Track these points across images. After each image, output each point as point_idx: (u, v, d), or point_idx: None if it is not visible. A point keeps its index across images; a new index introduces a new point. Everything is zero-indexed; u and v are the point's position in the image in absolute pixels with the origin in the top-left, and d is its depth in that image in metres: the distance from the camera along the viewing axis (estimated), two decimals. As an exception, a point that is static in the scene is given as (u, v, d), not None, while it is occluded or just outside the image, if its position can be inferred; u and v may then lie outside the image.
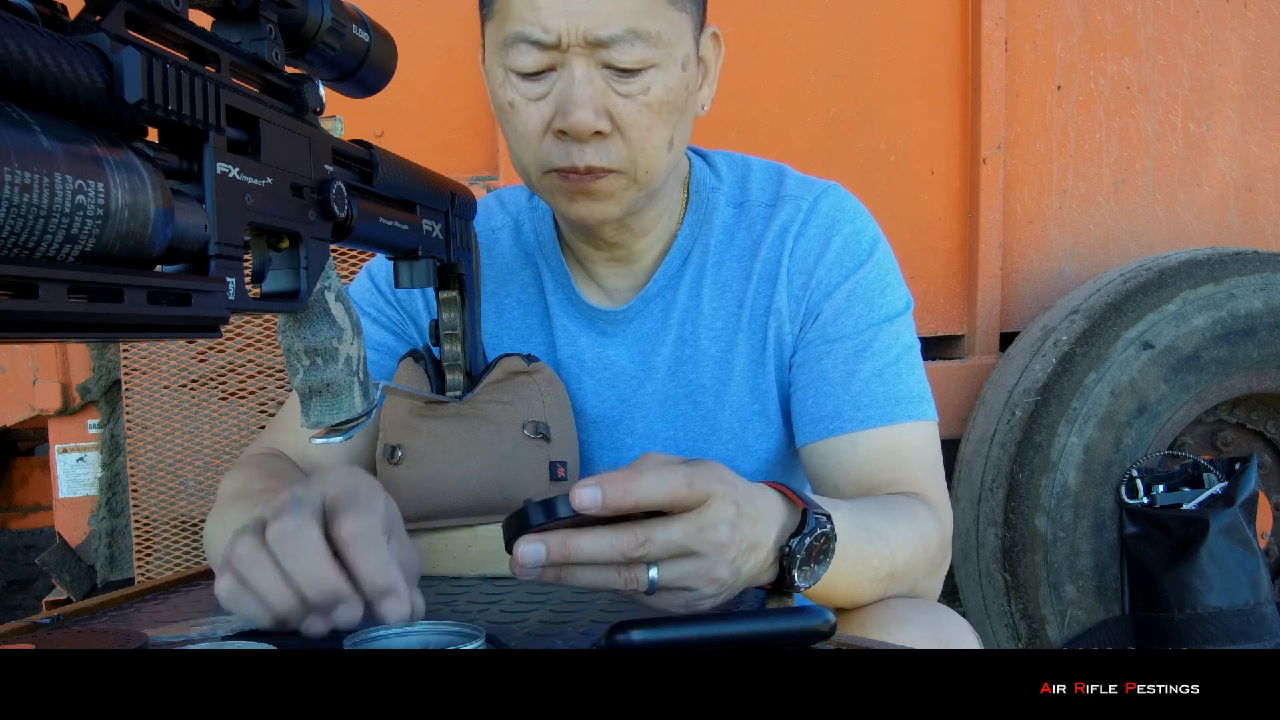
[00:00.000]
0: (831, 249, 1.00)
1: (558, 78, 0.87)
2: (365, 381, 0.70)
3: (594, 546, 0.64)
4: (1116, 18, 2.19)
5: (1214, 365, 1.95)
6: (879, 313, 0.99)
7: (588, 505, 0.62)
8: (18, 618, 0.81)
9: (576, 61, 0.86)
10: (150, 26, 0.47)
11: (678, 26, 0.89)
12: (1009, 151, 2.16)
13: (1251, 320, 1.95)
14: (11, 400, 1.93)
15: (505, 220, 1.10)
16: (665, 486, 0.64)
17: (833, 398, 0.97)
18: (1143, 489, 1.91)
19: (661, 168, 0.93)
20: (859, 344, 0.98)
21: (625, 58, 0.86)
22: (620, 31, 0.85)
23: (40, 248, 0.38)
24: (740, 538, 0.68)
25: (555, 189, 0.92)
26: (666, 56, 0.88)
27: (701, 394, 1.03)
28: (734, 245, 1.04)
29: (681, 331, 1.03)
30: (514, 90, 0.89)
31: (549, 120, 0.88)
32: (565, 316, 1.05)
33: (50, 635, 0.75)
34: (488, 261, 1.08)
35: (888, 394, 0.96)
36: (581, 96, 0.86)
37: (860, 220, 1.02)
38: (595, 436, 1.05)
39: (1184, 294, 1.94)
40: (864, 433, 0.96)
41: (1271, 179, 2.32)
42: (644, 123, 0.89)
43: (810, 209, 1.01)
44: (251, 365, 1.90)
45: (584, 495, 0.62)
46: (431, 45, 1.97)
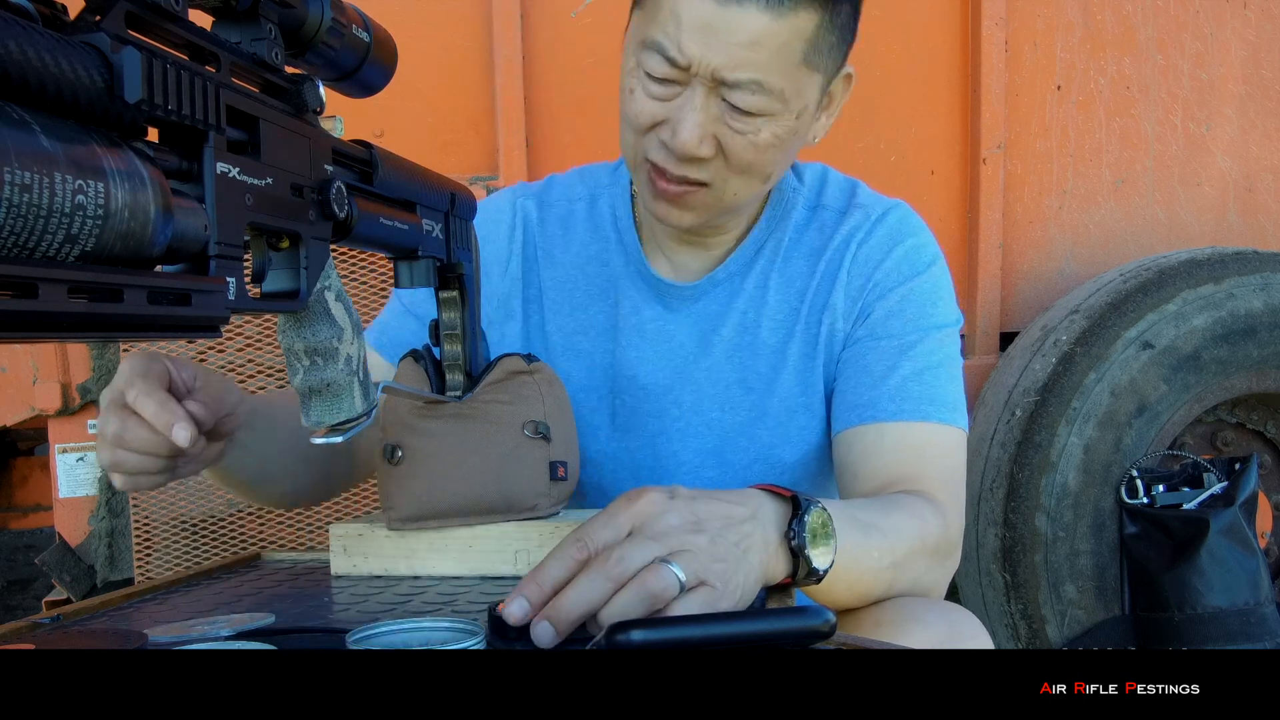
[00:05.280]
0: (892, 256, 1.04)
1: (679, 93, 0.91)
2: (365, 381, 0.70)
3: (578, 591, 0.65)
4: (1116, 18, 2.19)
5: (1214, 365, 1.95)
6: (928, 320, 1.03)
7: (520, 618, 0.65)
8: (18, 618, 0.81)
9: (699, 88, 0.90)
10: (150, 26, 0.47)
11: (805, 84, 0.92)
12: (1009, 151, 2.16)
13: (1251, 320, 1.95)
14: (11, 400, 1.93)
15: (582, 193, 1.15)
16: (563, 552, 0.67)
17: (871, 388, 1.01)
18: (1143, 489, 1.91)
19: (752, 195, 0.99)
20: (904, 344, 1.02)
21: (744, 102, 0.90)
22: (745, 79, 0.89)
23: (40, 248, 0.38)
24: (693, 511, 0.69)
25: (646, 180, 0.98)
26: (784, 109, 0.92)
27: (755, 380, 1.07)
28: (803, 243, 1.08)
29: (744, 319, 1.08)
30: (638, 82, 0.93)
31: (659, 121, 0.93)
32: (632, 287, 1.10)
33: (50, 635, 0.74)
34: (561, 231, 1.14)
35: (924, 393, 0.99)
36: (693, 122, 0.90)
37: (923, 235, 1.07)
38: (645, 403, 1.09)
39: (1184, 294, 1.94)
40: (894, 424, 0.98)
41: (1271, 179, 2.31)
42: (747, 158, 0.93)
43: (878, 219, 1.06)
44: (251, 365, 1.90)
45: (514, 610, 0.65)
46: (431, 45, 1.97)
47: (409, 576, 0.91)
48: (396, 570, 0.92)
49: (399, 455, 0.90)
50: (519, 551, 0.90)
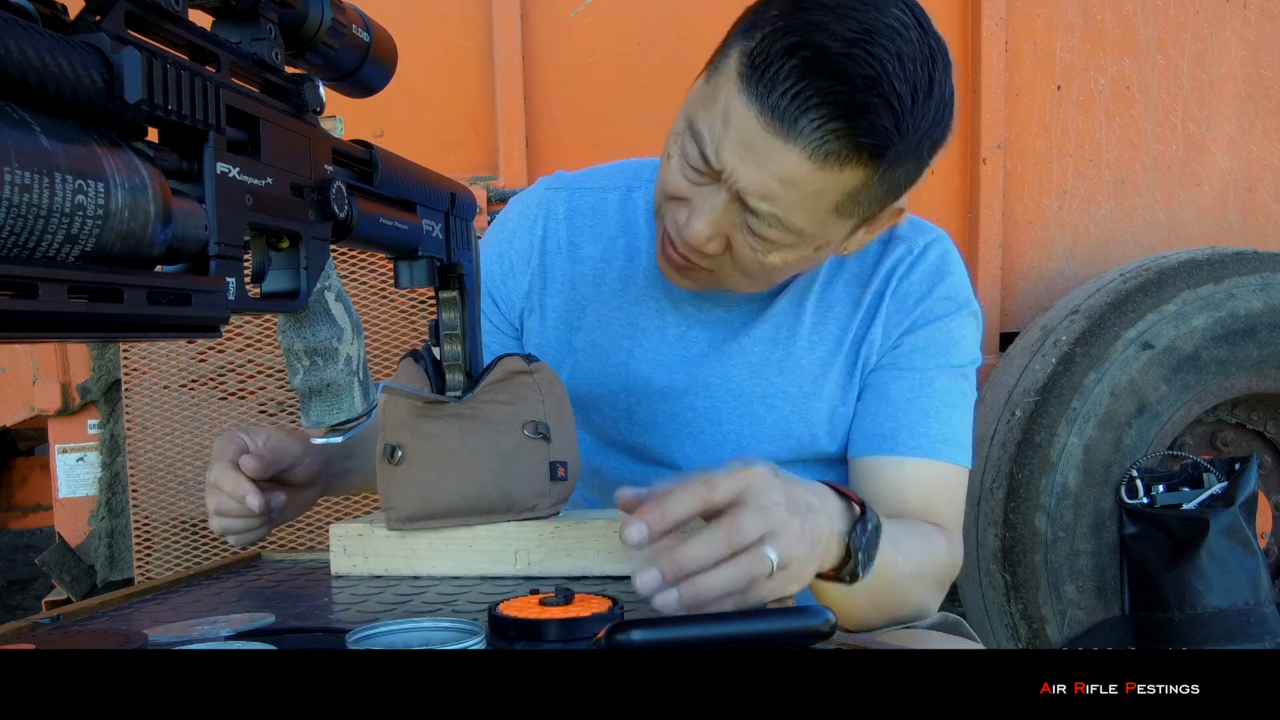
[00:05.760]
0: (932, 296, 1.05)
1: (706, 185, 0.90)
2: (365, 381, 0.70)
3: (701, 548, 0.69)
4: (1116, 18, 2.19)
5: (1214, 365, 1.95)
6: (950, 358, 1.05)
7: (639, 541, 0.70)
8: (18, 618, 0.81)
9: (724, 192, 0.89)
10: (150, 26, 0.47)
11: (831, 227, 0.91)
12: (1009, 151, 2.16)
13: (1251, 320, 1.95)
14: (11, 400, 1.93)
15: (619, 184, 1.15)
16: (690, 493, 0.72)
17: (891, 419, 1.03)
18: (1143, 489, 1.91)
19: (757, 285, 0.99)
20: (926, 379, 1.03)
21: (760, 228, 0.89)
22: (764, 210, 0.87)
23: (40, 248, 0.38)
24: (794, 496, 0.75)
25: (660, 236, 0.98)
26: (800, 242, 0.91)
27: (782, 400, 1.06)
28: (844, 270, 1.08)
29: (776, 335, 1.07)
30: (677, 151, 0.92)
31: (681, 197, 0.92)
32: (657, 286, 1.09)
33: (50, 635, 0.74)
34: (590, 222, 1.13)
35: (941, 432, 1.02)
36: (705, 221, 0.90)
37: (961, 275, 1.08)
38: (660, 405, 1.09)
39: (1184, 294, 1.94)
40: (912, 460, 1.02)
41: (1271, 179, 2.31)
42: (752, 268, 0.93)
43: (920, 254, 1.06)
44: (251, 365, 1.90)
45: (633, 534, 0.70)
46: (431, 45, 1.97)
47: (409, 576, 0.91)
48: (396, 570, 0.92)
49: (399, 455, 0.90)
50: (519, 551, 0.90)
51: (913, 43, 0.83)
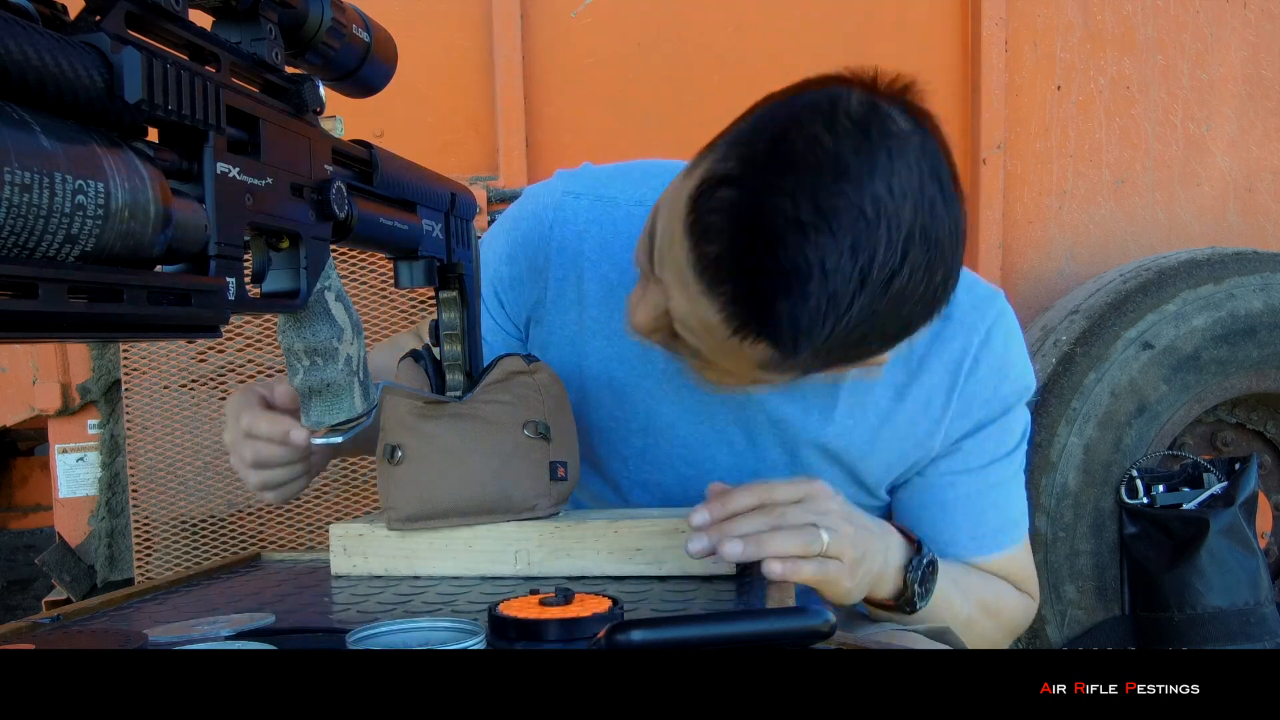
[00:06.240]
0: (999, 393, 0.99)
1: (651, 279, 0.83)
2: (365, 381, 0.70)
3: (750, 521, 0.81)
4: (1116, 18, 2.19)
5: (1214, 365, 1.95)
6: (1008, 445, 1.02)
7: (699, 523, 0.81)
8: (18, 618, 0.81)
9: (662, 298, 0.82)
10: (150, 26, 0.47)
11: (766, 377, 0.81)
12: (1009, 151, 2.16)
13: (1251, 320, 1.95)
14: (11, 400, 1.93)
15: (645, 197, 1.04)
16: (748, 492, 0.83)
17: (950, 527, 1.02)
18: (1143, 489, 1.91)
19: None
20: (983, 477, 1.02)
21: (690, 352, 0.83)
22: (690, 341, 0.81)
23: (40, 248, 0.38)
24: (850, 512, 0.84)
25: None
26: (733, 377, 0.84)
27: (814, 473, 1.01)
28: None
29: (808, 409, 0.99)
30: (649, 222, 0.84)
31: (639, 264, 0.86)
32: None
33: (50, 635, 0.74)
34: (613, 236, 1.04)
35: (1000, 521, 1.03)
36: (646, 316, 0.83)
37: (1022, 351, 1.01)
38: (679, 450, 1.04)
39: (1184, 294, 1.94)
40: (976, 558, 1.03)
41: (1271, 179, 2.31)
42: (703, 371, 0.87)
43: (984, 344, 0.97)
44: (251, 365, 1.90)
45: (697, 519, 0.81)
46: (431, 45, 1.97)
47: (409, 576, 0.91)
48: (396, 570, 0.92)
49: (399, 455, 0.90)
50: (519, 551, 0.90)
51: (889, 227, 0.70)
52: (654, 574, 0.88)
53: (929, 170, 0.72)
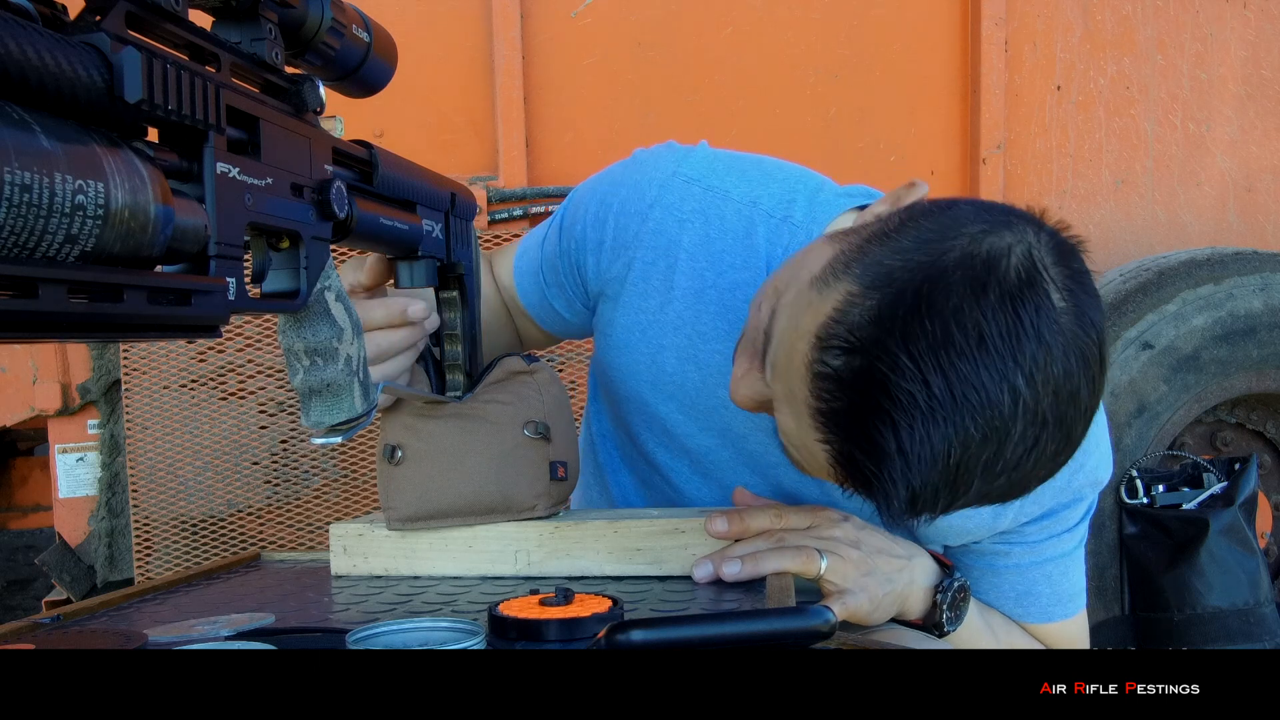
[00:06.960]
0: (1072, 485, 0.95)
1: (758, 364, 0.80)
2: (365, 381, 0.70)
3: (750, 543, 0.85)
4: (1116, 18, 2.19)
5: (1214, 365, 1.95)
6: (1070, 522, 0.98)
7: (721, 532, 0.86)
8: (18, 618, 0.81)
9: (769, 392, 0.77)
10: (150, 26, 0.47)
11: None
12: (1009, 151, 2.16)
13: (1251, 320, 1.95)
14: (11, 400, 1.93)
15: (758, 197, 0.97)
16: (763, 513, 0.87)
17: (994, 589, 1.01)
18: (1142, 489, 1.91)
19: None
20: (1041, 549, 0.99)
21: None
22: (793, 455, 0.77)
23: (40, 248, 0.38)
24: (862, 537, 0.86)
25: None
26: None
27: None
28: None
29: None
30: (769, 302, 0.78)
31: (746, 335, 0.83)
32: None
33: (50, 635, 0.74)
34: (718, 233, 0.97)
35: (1053, 595, 1.01)
36: (747, 397, 0.80)
37: (1101, 449, 0.95)
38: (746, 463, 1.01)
39: (1183, 294, 1.94)
40: (1021, 623, 1.03)
41: (1271, 179, 2.31)
42: None
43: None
44: (251, 365, 1.90)
45: (717, 526, 0.86)
46: (431, 45, 1.97)
47: (409, 576, 0.91)
48: (396, 570, 0.92)
49: (399, 455, 0.90)
50: (519, 551, 0.90)
51: (1024, 420, 0.64)
52: (654, 574, 0.88)
53: (1077, 360, 0.65)
